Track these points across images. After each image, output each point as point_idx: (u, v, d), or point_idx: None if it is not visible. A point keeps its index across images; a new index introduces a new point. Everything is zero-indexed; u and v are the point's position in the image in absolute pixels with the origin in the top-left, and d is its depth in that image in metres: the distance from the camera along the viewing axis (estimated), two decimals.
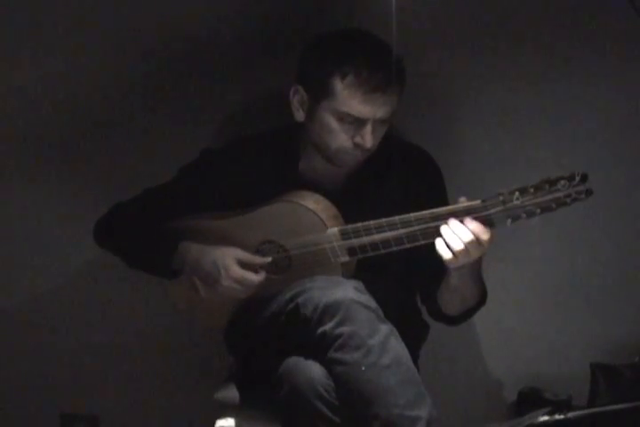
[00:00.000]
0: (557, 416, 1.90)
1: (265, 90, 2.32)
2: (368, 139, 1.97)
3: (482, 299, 2.05)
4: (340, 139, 1.98)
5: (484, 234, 1.82)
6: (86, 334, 2.50)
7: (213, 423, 2.06)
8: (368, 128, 1.96)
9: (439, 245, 1.85)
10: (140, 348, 2.50)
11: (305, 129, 2.05)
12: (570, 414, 1.90)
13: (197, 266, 2.02)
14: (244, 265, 2.00)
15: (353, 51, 1.95)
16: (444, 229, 1.84)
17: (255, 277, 2.00)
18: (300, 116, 2.03)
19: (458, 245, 1.83)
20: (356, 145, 1.98)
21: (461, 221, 1.83)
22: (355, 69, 1.92)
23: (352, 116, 1.95)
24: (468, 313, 2.06)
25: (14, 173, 2.44)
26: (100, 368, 2.52)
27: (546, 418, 1.90)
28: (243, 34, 2.30)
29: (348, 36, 2.00)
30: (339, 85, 1.94)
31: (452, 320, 2.09)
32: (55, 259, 2.48)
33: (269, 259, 2.02)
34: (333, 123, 1.97)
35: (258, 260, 2.02)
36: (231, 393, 2.10)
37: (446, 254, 1.84)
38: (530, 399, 2.30)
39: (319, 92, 1.97)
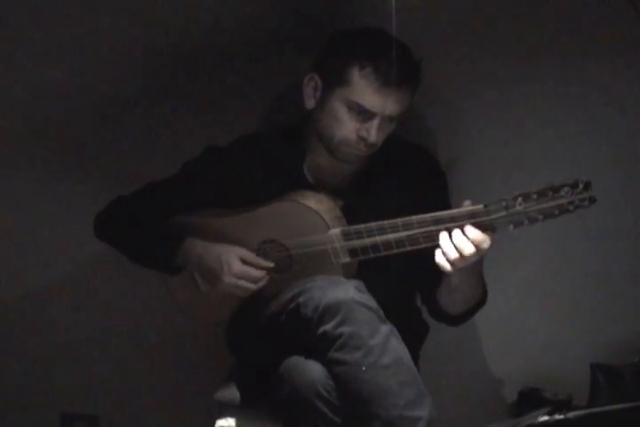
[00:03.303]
0: (557, 416, 1.90)
1: (268, 89, 2.32)
2: (373, 133, 1.97)
3: (482, 299, 2.05)
4: (346, 129, 1.99)
5: (484, 243, 1.82)
6: (86, 334, 2.50)
7: (213, 423, 2.06)
8: (375, 122, 1.97)
9: (438, 257, 1.85)
10: (140, 348, 2.50)
11: (312, 121, 2.05)
12: (570, 414, 1.90)
13: (201, 262, 2.03)
14: (247, 264, 2.01)
15: (375, 45, 1.97)
16: (442, 240, 1.84)
17: (257, 273, 2.00)
18: (310, 104, 2.03)
19: (455, 257, 1.83)
20: (360, 138, 1.99)
21: (461, 228, 1.83)
22: (374, 62, 1.94)
23: (362, 108, 1.96)
24: (469, 313, 2.06)
25: (15, 167, 2.45)
26: (100, 368, 2.52)
27: (546, 418, 1.90)
28: (244, 33, 2.30)
29: (372, 32, 2.01)
30: (356, 74, 1.95)
31: (452, 320, 2.09)
32: (55, 258, 2.48)
33: (272, 264, 2.03)
34: (343, 112, 1.98)
35: (262, 262, 2.02)
36: (231, 393, 2.10)
37: (445, 266, 1.84)
38: (530, 399, 2.30)
39: (334, 80, 1.98)
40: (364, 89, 1.95)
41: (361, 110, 1.96)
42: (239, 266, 2.00)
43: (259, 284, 2.02)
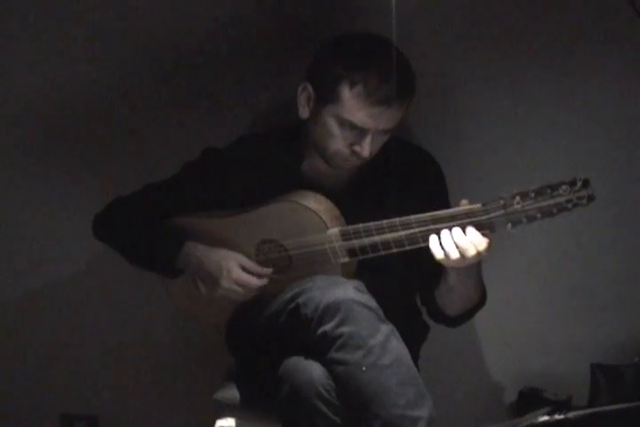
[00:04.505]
0: (557, 416, 1.90)
1: (267, 90, 2.32)
2: (366, 148, 1.96)
3: (481, 300, 2.05)
4: (339, 144, 1.98)
5: (481, 244, 1.82)
6: (86, 334, 2.51)
7: (213, 423, 2.06)
8: (368, 138, 1.96)
9: (433, 243, 1.85)
10: (140, 348, 2.50)
11: (307, 127, 2.05)
12: (570, 414, 1.90)
13: (200, 266, 2.04)
14: (245, 270, 2.01)
15: (367, 58, 1.93)
16: (443, 233, 1.84)
17: (256, 282, 2.01)
18: (304, 113, 2.02)
19: (453, 251, 1.83)
20: (353, 152, 1.98)
21: (461, 227, 1.83)
22: (365, 79, 1.91)
23: (354, 124, 1.95)
24: (468, 314, 2.06)
25: (15, 167, 2.45)
26: (99, 368, 2.52)
27: (546, 418, 1.90)
28: (244, 33, 2.30)
29: (365, 41, 1.97)
30: (346, 93, 1.93)
31: (451, 321, 2.09)
32: (55, 258, 2.49)
33: (271, 270, 2.03)
34: (334, 127, 1.97)
35: (261, 269, 2.03)
36: (231, 393, 2.10)
37: (438, 254, 1.84)
38: (530, 399, 2.30)
39: (326, 95, 1.96)
40: (355, 108, 1.93)
41: (353, 126, 1.95)
42: (238, 272, 2.01)
43: (256, 289, 2.02)
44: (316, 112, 1.99)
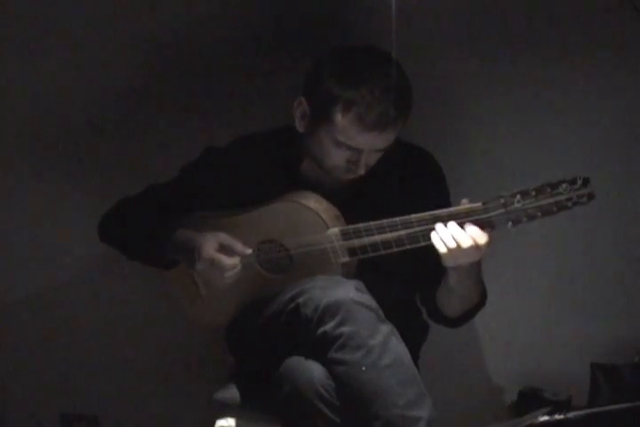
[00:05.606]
0: (557, 416, 1.90)
1: (267, 90, 2.32)
2: (361, 166, 1.97)
3: (481, 301, 2.05)
4: (334, 160, 1.98)
5: (481, 238, 1.83)
6: (86, 334, 2.50)
7: (213, 423, 2.06)
8: (363, 157, 1.96)
9: (435, 238, 1.85)
10: (140, 348, 2.50)
11: (303, 140, 2.04)
12: (570, 414, 1.90)
13: (184, 251, 1.99)
14: (224, 249, 1.96)
15: (362, 80, 1.91)
16: (440, 227, 1.84)
17: (227, 261, 1.95)
18: (300, 126, 2.02)
19: (451, 242, 1.83)
20: (349, 168, 1.98)
21: (461, 225, 1.83)
22: (358, 101, 1.90)
23: (349, 146, 1.94)
24: (467, 315, 2.06)
25: (16, 170, 2.45)
26: (99, 368, 2.52)
27: (546, 418, 1.90)
28: (244, 33, 2.30)
29: (361, 57, 1.95)
30: (339, 116, 1.92)
31: (451, 322, 2.09)
32: (56, 259, 2.48)
33: (250, 250, 1.99)
34: (329, 146, 1.96)
35: (238, 246, 1.98)
36: (231, 393, 2.09)
37: (442, 248, 1.84)
38: (530, 399, 2.30)
39: (321, 115, 1.95)
40: (348, 131, 1.92)
41: (348, 147, 1.95)
42: (208, 253, 1.94)
43: (231, 272, 1.97)
44: (311, 129, 1.99)
